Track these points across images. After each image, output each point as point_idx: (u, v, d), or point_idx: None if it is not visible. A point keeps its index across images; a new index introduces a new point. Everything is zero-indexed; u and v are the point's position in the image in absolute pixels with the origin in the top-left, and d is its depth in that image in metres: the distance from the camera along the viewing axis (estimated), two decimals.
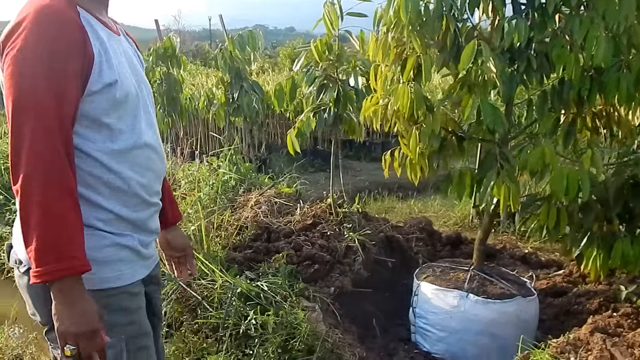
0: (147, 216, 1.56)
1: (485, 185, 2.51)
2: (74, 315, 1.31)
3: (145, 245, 1.56)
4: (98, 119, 1.37)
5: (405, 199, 6.72)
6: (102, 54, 1.37)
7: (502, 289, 2.85)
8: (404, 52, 2.66)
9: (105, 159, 1.40)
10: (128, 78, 1.45)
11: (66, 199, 1.28)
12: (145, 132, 1.50)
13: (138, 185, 1.48)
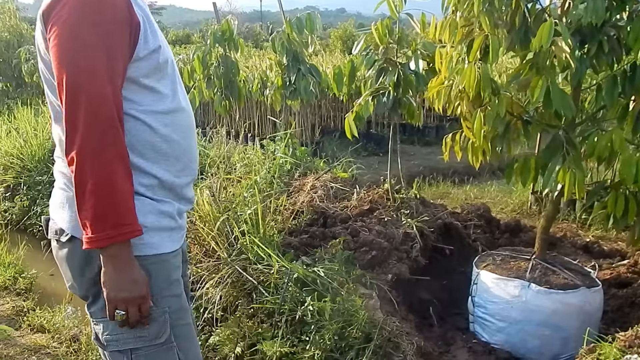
0: (186, 183, 1.59)
1: (550, 171, 2.48)
2: (125, 280, 1.37)
3: (181, 214, 1.60)
4: (143, 83, 1.42)
5: (461, 185, 6.68)
6: (146, 21, 1.42)
7: (565, 279, 2.81)
8: (471, 31, 2.64)
9: (152, 121, 1.45)
10: (166, 45, 1.52)
11: (120, 165, 1.33)
12: (182, 96, 1.55)
13: (181, 149, 1.53)
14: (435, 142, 9.61)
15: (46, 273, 4.48)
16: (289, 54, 4.38)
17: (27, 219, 5.67)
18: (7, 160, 6.32)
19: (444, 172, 7.23)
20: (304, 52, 4.49)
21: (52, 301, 3.90)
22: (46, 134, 6.66)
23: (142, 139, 1.44)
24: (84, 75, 1.29)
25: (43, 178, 5.96)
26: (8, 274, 4.32)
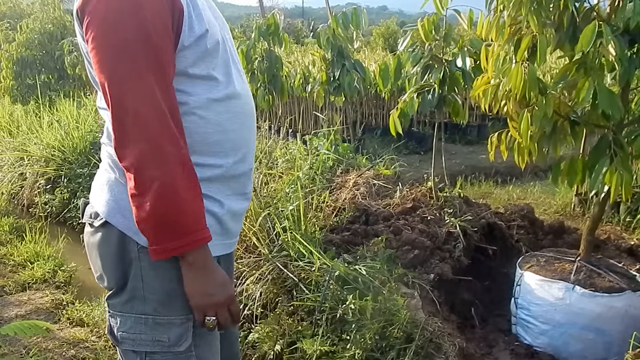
0: (243, 174, 1.51)
1: (597, 172, 2.54)
2: (211, 286, 1.35)
3: (234, 214, 1.51)
4: (191, 73, 1.35)
5: (503, 185, 6.72)
6: (190, 4, 1.33)
7: (610, 282, 2.87)
8: (519, 30, 2.72)
9: (204, 112, 1.38)
10: (215, 26, 1.41)
11: (179, 169, 1.27)
12: (237, 80, 1.47)
13: (238, 139, 1.46)
14: (477, 141, 9.64)
15: (85, 266, 4.57)
16: (334, 49, 4.51)
17: (67, 211, 5.89)
18: (49, 152, 6.55)
19: (486, 171, 7.28)
20: (349, 48, 4.62)
21: (90, 295, 4.04)
22: (87, 127, 6.91)
23: (193, 131, 1.37)
24: (128, 76, 1.23)
25: (84, 171, 6.16)
26: (48, 267, 4.48)
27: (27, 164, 6.69)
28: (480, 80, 2.89)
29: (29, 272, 4.42)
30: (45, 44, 9.04)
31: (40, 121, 7.52)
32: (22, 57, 8.95)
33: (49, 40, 9.08)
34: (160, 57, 1.26)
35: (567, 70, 2.64)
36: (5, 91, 9.24)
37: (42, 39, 8.96)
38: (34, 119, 7.77)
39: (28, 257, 4.72)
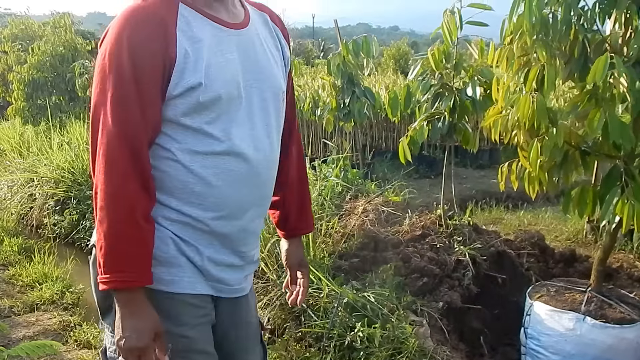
0: (231, 232, 1.52)
1: (608, 202, 2.55)
2: (126, 328, 1.37)
3: (218, 265, 1.53)
4: (183, 122, 1.39)
5: (514, 210, 6.71)
6: (190, 55, 1.36)
7: (622, 313, 2.86)
8: (529, 61, 2.75)
9: (187, 160, 1.41)
10: (226, 80, 1.42)
11: (121, 212, 1.34)
12: (243, 141, 1.46)
13: (223, 195, 1.46)
14: (488, 166, 9.64)
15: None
16: (344, 76, 4.57)
17: (75, 232, 5.90)
18: (59, 173, 6.59)
19: (497, 196, 7.27)
20: (359, 75, 4.68)
21: (98, 317, 4.10)
22: None
23: (174, 177, 1.43)
24: (99, 119, 1.34)
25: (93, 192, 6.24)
26: (56, 288, 4.49)
27: (37, 184, 6.73)
28: (492, 110, 2.93)
29: (37, 293, 4.44)
30: (56, 66, 9.18)
31: (50, 142, 7.59)
32: (33, 79, 9.09)
33: (60, 62, 9.23)
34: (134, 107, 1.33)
35: (579, 101, 2.67)
36: (16, 112, 9.37)
37: (53, 61, 9.11)
38: (45, 140, 7.86)
39: (36, 277, 4.74)
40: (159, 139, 1.41)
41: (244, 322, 1.69)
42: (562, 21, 2.54)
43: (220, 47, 1.42)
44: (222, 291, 1.57)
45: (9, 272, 4.93)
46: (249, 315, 1.73)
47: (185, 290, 1.48)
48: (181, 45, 1.36)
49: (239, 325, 1.67)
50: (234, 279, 1.59)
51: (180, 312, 1.48)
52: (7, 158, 8.04)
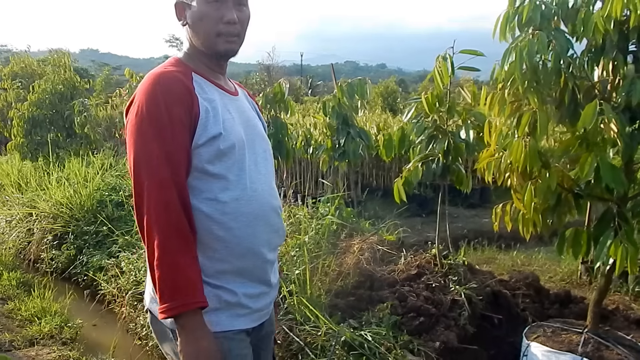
0: (255, 266, 1.71)
1: (602, 244, 2.58)
2: (195, 350, 1.52)
3: (252, 297, 1.71)
4: (207, 170, 1.60)
5: (507, 250, 6.70)
6: (209, 111, 1.60)
7: (619, 355, 2.85)
8: (520, 106, 2.80)
9: (210, 210, 1.61)
10: (236, 132, 1.66)
11: (177, 243, 1.51)
12: (252, 182, 1.68)
13: (243, 236, 1.65)
14: (479, 205, 9.68)
15: (89, 323, 4.69)
16: (339, 117, 4.64)
17: (72, 268, 5.88)
18: (57, 209, 6.62)
19: (489, 236, 7.25)
20: (353, 116, 4.74)
21: (96, 352, 4.05)
22: (95, 185, 6.99)
23: (201, 227, 1.61)
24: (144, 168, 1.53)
25: (90, 228, 6.20)
26: (54, 323, 4.49)
27: (35, 219, 6.73)
28: (485, 153, 2.96)
29: (36, 327, 4.41)
30: (55, 103, 9.25)
31: (49, 178, 7.60)
32: (33, 116, 9.14)
33: (59, 100, 9.31)
34: (172, 154, 1.54)
35: (570, 145, 2.72)
36: (15, 148, 9.39)
37: (52, 99, 9.18)
38: (43, 175, 7.86)
39: (35, 312, 4.72)
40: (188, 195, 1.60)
41: (266, 342, 1.91)
42: (552, 69, 2.59)
43: (227, 107, 1.69)
44: (256, 320, 1.76)
45: (7, 306, 4.91)
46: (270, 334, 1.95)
47: (228, 328, 1.65)
48: (202, 103, 1.60)
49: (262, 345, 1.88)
50: (265, 305, 1.79)
51: (229, 348, 1.64)
52: (6, 193, 8.06)
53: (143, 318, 4.20)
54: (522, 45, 2.52)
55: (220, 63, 1.75)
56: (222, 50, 1.68)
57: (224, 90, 1.73)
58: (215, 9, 1.63)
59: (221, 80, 1.75)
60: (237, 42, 1.70)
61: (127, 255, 5.17)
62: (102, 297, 5.10)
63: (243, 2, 1.70)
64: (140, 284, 4.56)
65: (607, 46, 2.63)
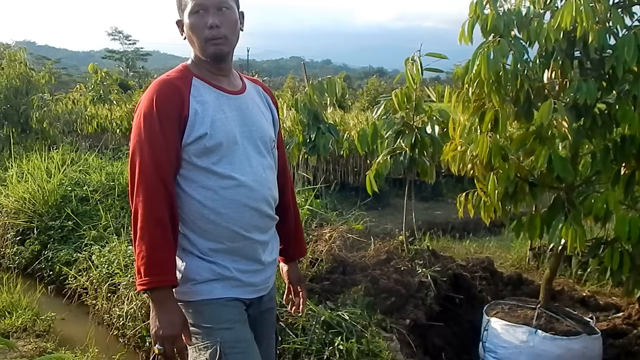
0: (245, 246, 1.93)
1: (554, 228, 2.93)
2: (161, 321, 1.79)
3: (245, 272, 1.93)
4: (196, 163, 1.85)
5: (460, 239, 7.11)
6: (198, 113, 1.84)
7: (568, 327, 3.22)
8: (482, 105, 3.14)
9: (202, 197, 1.86)
10: (227, 131, 1.88)
11: (156, 231, 1.77)
12: (242, 175, 1.89)
13: (231, 220, 1.88)
14: (432, 198, 10.11)
15: (58, 317, 4.66)
16: (310, 113, 4.92)
17: (37, 263, 5.83)
18: (19, 204, 6.52)
19: (442, 227, 7.67)
20: (323, 112, 5.02)
21: (71, 343, 4.11)
22: (58, 180, 6.92)
23: (194, 211, 1.86)
24: (136, 159, 1.80)
25: (55, 223, 6.16)
26: (26, 316, 4.49)
27: None
28: (449, 147, 3.29)
29: (8, 320, 4.43)
30: (10, 98, 9.14)
31: (5, 173, 7.50)
32: None
33: (14, 94, 9.19)
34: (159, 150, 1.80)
35: (525, 139, 3.07)
36: None
37: (8, 94, 9.07)
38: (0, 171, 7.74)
39: (5, 306, 4.69)
40: (183, 184, 1.87)
41: (267, 318, 2.11)
42: (511, 72, 2.93)
43: (222, 107, 1.90)
44: (251, 292, 1.98)
45: None
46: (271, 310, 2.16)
47: (221, 295, 1.90)
48: (192, 106, 1.84)
49: (263, 320, 2.08)
50: (260, 281, 2.01)
51: (220, 313, 1.89)
52: None
53: (119, 309, 4.29)
54: (487, 50, 2.84)
55: (219, 66, 1.93)
56: (211, 53, 1.88)
57: (224, 91, 1.94)
58: (200, 18, 1.85)
59: (223, 82, 1.95)
60: (224, 43, 1.88)
61: (98, 248, 5.23)
62: (70, 291, 5.11)
63: (224, 6, 1.87)
64: (114, 276, 4.64)
65: (557, 52, 2.97)
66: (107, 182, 6.83)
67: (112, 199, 6.44)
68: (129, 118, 11.14)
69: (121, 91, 14.27)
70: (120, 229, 5.56)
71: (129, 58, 46.52)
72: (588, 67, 3.00)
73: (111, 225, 5.66)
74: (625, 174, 3.03)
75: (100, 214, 5.93)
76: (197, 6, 1.85)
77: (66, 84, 23.53)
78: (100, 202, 6.28)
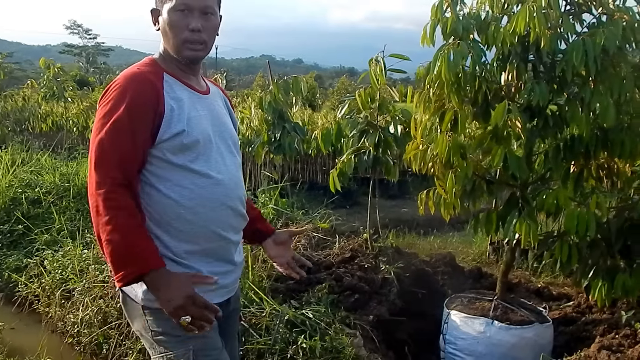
0: (220, 247, 1.96)
1: (509, 223, 3.16)
2: (169, 295, 1.74)
3: (218, 274, 1.94)
4: (172, 161, 1.84)
5: (425, 236, 7.38)
6: (175, 110, 1.83)
7: (522, 317, 3.46)
8: (443, 105, 3.35)
9: (177, 196, 1.85)
10: (202, 129, 1.89)
11: (122, 215, 1.73)
12: (218, 173, 1.91)
13: (208, 219, 1.89)
14: (398, 196, 10.38)
15: (7, 326, 4.47)
16: (275, 112, 5.07)
17: None
18: None
19: (408, 224, 7.93)
20: (289, 111, 5.18)
21: (21, 353, 4.01)
22: (7, 181, 6.81)
23: (170, 211, 1.85)
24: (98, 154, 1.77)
25: (4, 227, 5.99)
26: None
27: None
28: (411, 145, 3.49)
29: None
30: None
31: None
32: None
33: None
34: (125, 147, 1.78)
35: (483, 139, 3.30)
36: None
37: None
38: None
39: None
40: (156, 183, 1.85)
41: (233, 318, 2.22)
42: (470, 74, 3.15)
43: (195, 105, 1.92)
44: (223, 295, 2.03)
45: None
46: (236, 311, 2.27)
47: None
48: (168, 103, 1.83)
49: (230, 321, 2.15)
50: (231, 282, 2.07)
51: None
52: None
53: (74, 316, 4.25)
54: (447, 52, 3.04)
55: (191, 66, 1.96)
56: (186, 57, 1.90)
57: (194, 89, 1.95)
58: (182, 18, 1.85)
59: (192, 81, 1.97)
60: (202, 49, 1.92)
61: (51, 253, 5.13)
62: (20, 298, 4.97)
63: (210, 11, 1.89)
64: (68, 282, 4.59)
65: (512, 56, 3.20)
66: (61, 184, 6.71)
67: (67, 201, 6.34)
68: (87, 116, 11.04)
69: (77, 87, 14.10)
70: (75, 232, 5.44)
71: (89, 53, 45.66)
72: (541, 71, 3.23)
73: (65, 229, 5.59)
74: (574, 172, 3.28)
75: (54, 217, 5.84)
76: (183, 5, 1.85)
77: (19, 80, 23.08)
78: (54, 205, 6.18)
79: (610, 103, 2.85)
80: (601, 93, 2.86)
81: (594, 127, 3.04)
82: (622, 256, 3.29)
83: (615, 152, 3.00)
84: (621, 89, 2.85)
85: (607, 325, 3.62)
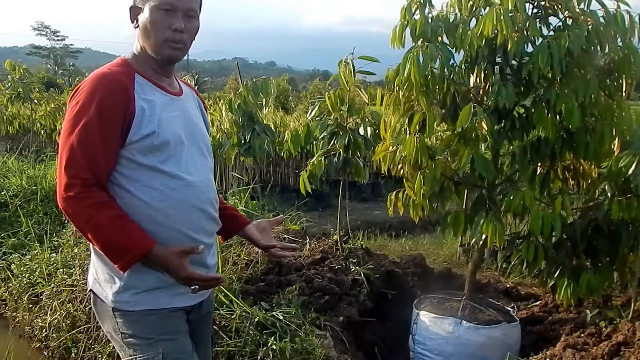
0: None
1: (476, 224, 3.22)
2: (171, 272, 1.79)
3: None
4: (141, 162, 1.82)
5: (397, 238, 7.47)
6: (145, 111, 1.81)
7: (489, 316, 3.51)
8: (412, 107, 3.39)
9: (148, 198, 1.83)
10: (173, 130, 1.88)
11: (100, 209, 1.73)
12: (189, 175, 1.90)
13: (179, 222, 1.88)
14: (371, 198, 10.46)
15: None
16: (244, 114, 5.06)
17: None
18: None
19: (380, 226, 8.02)
20: (259, 113, 5.18)
21: None
22: None
23: (140, 212, 1.82)
24: (65, 155, 1.75)
25: None
26: None
27: None
28: (380, 147, 3.53)
29: None
30: None
31: None
32: None
33: None
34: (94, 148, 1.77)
35: (450, 141, 3.34)
36: None
37: None
38: None
39: None
40: (125, 184, 1.83)
41: (206, 322, 2.20)
42: (438, 76, 3.19)
43: (167, 107, 1.91)
44: (195, 298, 2.00)
45: None
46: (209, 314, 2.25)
47: (166, 306, 1.91)
48: (139, 104, 1.82)
49: (202, 324, 2.14)
50: None
51: (164, 324, 1.91)
52: None
53: (42, 320, 4.22)
54: (416, 55, 3.08)
55: (166, 67, 1.95)
56: (166, 56, 1.89)
57: (166, 91, 1.94)
58: (166, 17, 1.84)
59: (164, 82, 1.95)
60: (182, 49, 1.91)
61: (18, 256, 5.09)
62: None
63: (193, 15, 1.90)
64: (36, 286, 4.56)
65: (480, 58, 3.26)
66: (28, 187, 6.62)
67: (35, 204, 6.28)
68: (55, 118, 10.90)
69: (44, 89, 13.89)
70: (43, 235, 5.40)
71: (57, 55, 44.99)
72: (508, 73, 3.29)
73: (33, 232, 5.53)
74: (541, 173, 3.35)
75: (21, 220, 5.78)
76: (167, 4, 1.84)
77: None
78: (21, 208, 6.12)
79: (575, 105, 2.92)
80: (566, 95, 2.93)
81: (560, 129, 3.12)
82: (587, 256, 3.37)
83: (580, 153, 3.07)
84: (586, 91, 2.91)
85: (573, 324, 3.69)
